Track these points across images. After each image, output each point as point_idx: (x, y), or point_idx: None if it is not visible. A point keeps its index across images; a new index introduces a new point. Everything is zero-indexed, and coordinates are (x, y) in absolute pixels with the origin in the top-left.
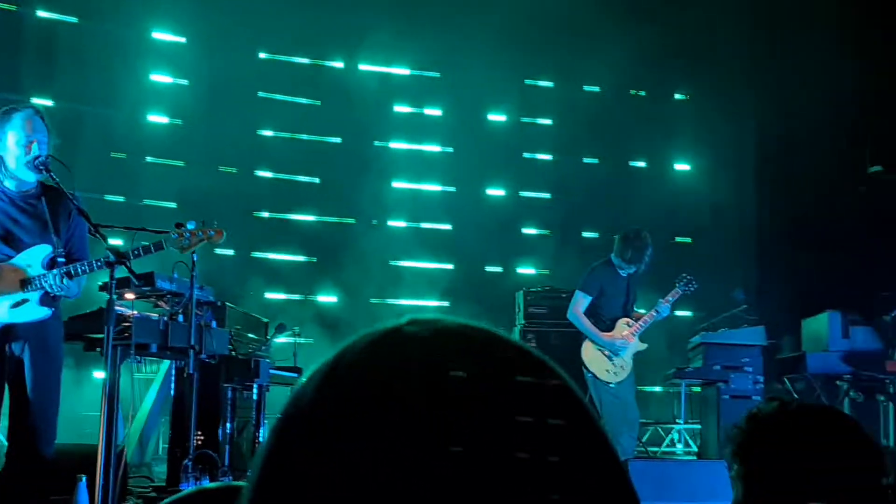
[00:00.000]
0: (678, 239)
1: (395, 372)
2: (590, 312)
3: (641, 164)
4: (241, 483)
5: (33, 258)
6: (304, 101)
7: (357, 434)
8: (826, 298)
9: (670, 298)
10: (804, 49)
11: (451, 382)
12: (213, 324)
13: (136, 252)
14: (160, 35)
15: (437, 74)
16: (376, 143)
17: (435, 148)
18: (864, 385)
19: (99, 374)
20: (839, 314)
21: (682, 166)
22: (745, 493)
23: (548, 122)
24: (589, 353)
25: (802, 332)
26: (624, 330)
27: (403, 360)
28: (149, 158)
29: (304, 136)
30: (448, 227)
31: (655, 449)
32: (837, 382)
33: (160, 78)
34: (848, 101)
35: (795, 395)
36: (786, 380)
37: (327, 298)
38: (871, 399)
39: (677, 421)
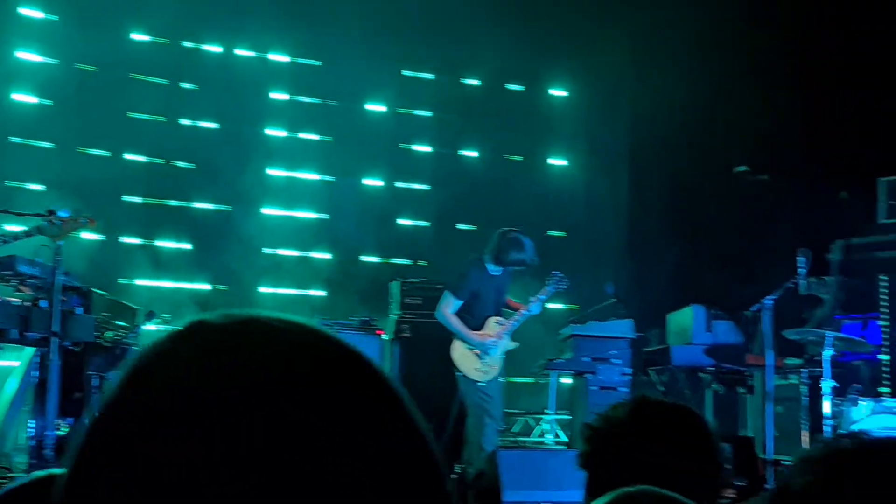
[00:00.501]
0: (552, 233)
1: (194, 369)
2: (460, 310)
3: (518, 157)
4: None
5: None
6: (179, 84)
7: (154, 432)
8: (692, 293)
9: (541, 296)
10: (680, 49)
11: (248, 376)
12: (80, 310)
13: (4, 239)
14: (27, 11)
15: (317, 63)
16: (253, 129)
17: (313, 136)
18: (725, 377)
19: None
20: (703, 308)
21: (557, 161)
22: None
23: (426, 113)
24: (458, 351)
25: (668, 325)
26: (494, 329)
27: (203, 356)
28: (14, 139)
29: (180, 121)
30: (325, 216)
31: (526, 439)
32: (700, 375)
33: (27, 56)
34: (718, 101)
35: (660, 388)
36: (651, 372)
37: (201, 286)
38: (731, 391)
39: (547, 411)
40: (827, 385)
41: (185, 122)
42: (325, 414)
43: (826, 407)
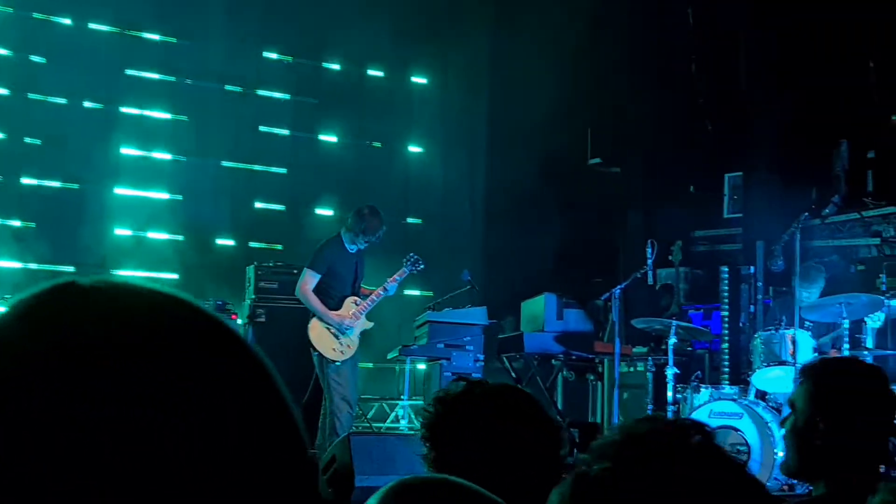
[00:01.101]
0: (410, 220)
1: (50, 331)
2: (318, 290)
3: (377, 144)
4: None
5: None
6: (29, 57)
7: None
8: (546, 282)
9: (397, 277)
10: (539, 41)
11: (108, 338)
12: None
13: None
14: None
15: (173, 40)
16: (105, 106)
17: (167, 115)
18: (575, 364)
19: None
20: (554, 297)
21: (416, 148)
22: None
23: (285, 96)
24: (316, 331)
25: (522, 313)
26: (351, 308)
27: (65, 314)
28: None
29: (29, 95)
30: (179, 197)
31: (380, 424)
32: (553, 362)
33: None
34: (575, 94)
35: (513, 374)
36: (504, 358)
37: (46, 267)
38: (581, 378)
39: (402, 397)
40: (670, 372)
41: (34, 96)
42: (186, 378)
43: (669, 394)
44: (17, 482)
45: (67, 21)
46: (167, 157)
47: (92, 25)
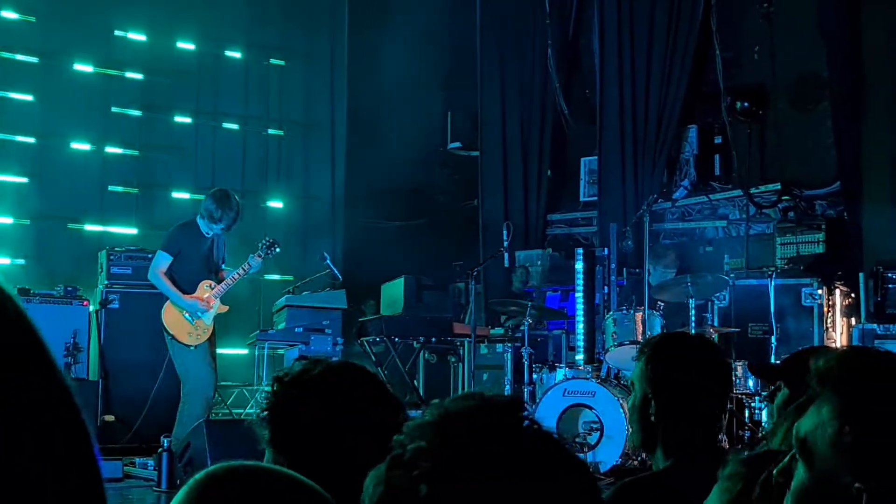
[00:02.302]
0: (270, 203)
1: None
2: (173, 274)
3: (234, 126)
4: None
5: None
6: None
7: None
8: (406, 266)
9: (252, 260)
10: (398, 25)
11: None
12: None
13: None
14: None
15: (31, 19)
16: None
17: (15, 95)
18: (436, 347)
19: None
20: (413, 279)
21: (275, 131)
22: (274, 458)
23: (138, 76)
24: (170, 315)
25: (382, 296)
26: (206, 292)
27: None
28: None
29: None
30: (25, 179)
31: (240, 411)
32: (414, 344)
33: None
34: (434, 78)
35: (373, 357)
36: (364, 342)
37: None
38: (443, 360)
39: (262, 383)
40: (525, 352)
41: None
42: None
43: (526, 374)
44: None
45: None
46: (14, 138)
47: None
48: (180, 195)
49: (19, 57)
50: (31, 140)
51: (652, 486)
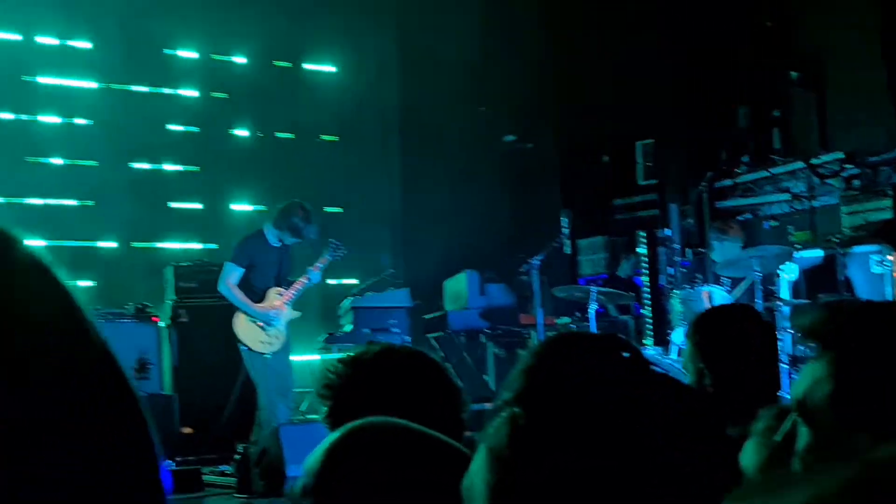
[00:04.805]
0: (328, 209)
1: None
2: (242, 284)
3: (288, 135)
4: None
5: None
6: None
7: None
8: (467, 259)
9: (319, 265)
10: (446, 24)
11: None
12: None
13: None
14: None
15: (89, 45)
16: (22, 116)
17: (78, 121)
18: (502, 339)
19: None
20: (476, 273)
21: (329, 137)
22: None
23: (193, 93)
24: (242, 325)
25: (444, 292)
26: (276, 300)
27: None
28: None
29: None
30: (90, 202)
31: (315, 416)
32: (481, 338)
33: None
34: (485, 74)
35: (441, 353)
36: (431, 338)
37: None
38: (511, 353)
39: None
40: None
41: None
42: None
43: None
44: None
45: None
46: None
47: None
48: (240, 208)
49: (77, 83)
50: (94, 163)
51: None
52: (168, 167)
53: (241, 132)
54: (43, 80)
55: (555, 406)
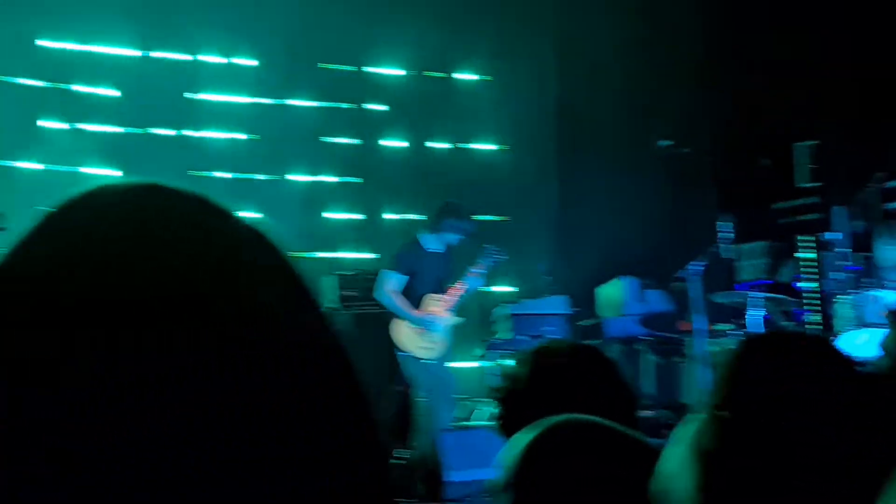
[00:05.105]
0: (483, 217)
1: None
2: (404, 291)
3: (445, 145)
4: None
5: None
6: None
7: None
8: (621, 266)
9: (477, 271)
10: (603, 31)
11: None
12: None
13: None
14: None
15: (255, 62)
16: (188, 132)
17: (237, 136)
18: (660, 347)
19: None
20: (635, 279)
21: (484, 146)
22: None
23: (347, 105)
24: (401, 331)
25: (597, 298)
26: (434, 306)
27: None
28: None
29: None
30: (259, 215)
31: (478, 423)
32: (636, 346)
33: None
34: (642, 79)
35: None
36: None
37: None
38: (668, 360)
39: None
40: None
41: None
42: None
43: None
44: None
45: (135, 52)
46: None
47: (155, 54)
48: (396, 217)
49: (239, 99)
50: (263, 177)
51: None
52: (325, 178)
53: (397, 143)
54: (205, 96)
55: (766, 407)
